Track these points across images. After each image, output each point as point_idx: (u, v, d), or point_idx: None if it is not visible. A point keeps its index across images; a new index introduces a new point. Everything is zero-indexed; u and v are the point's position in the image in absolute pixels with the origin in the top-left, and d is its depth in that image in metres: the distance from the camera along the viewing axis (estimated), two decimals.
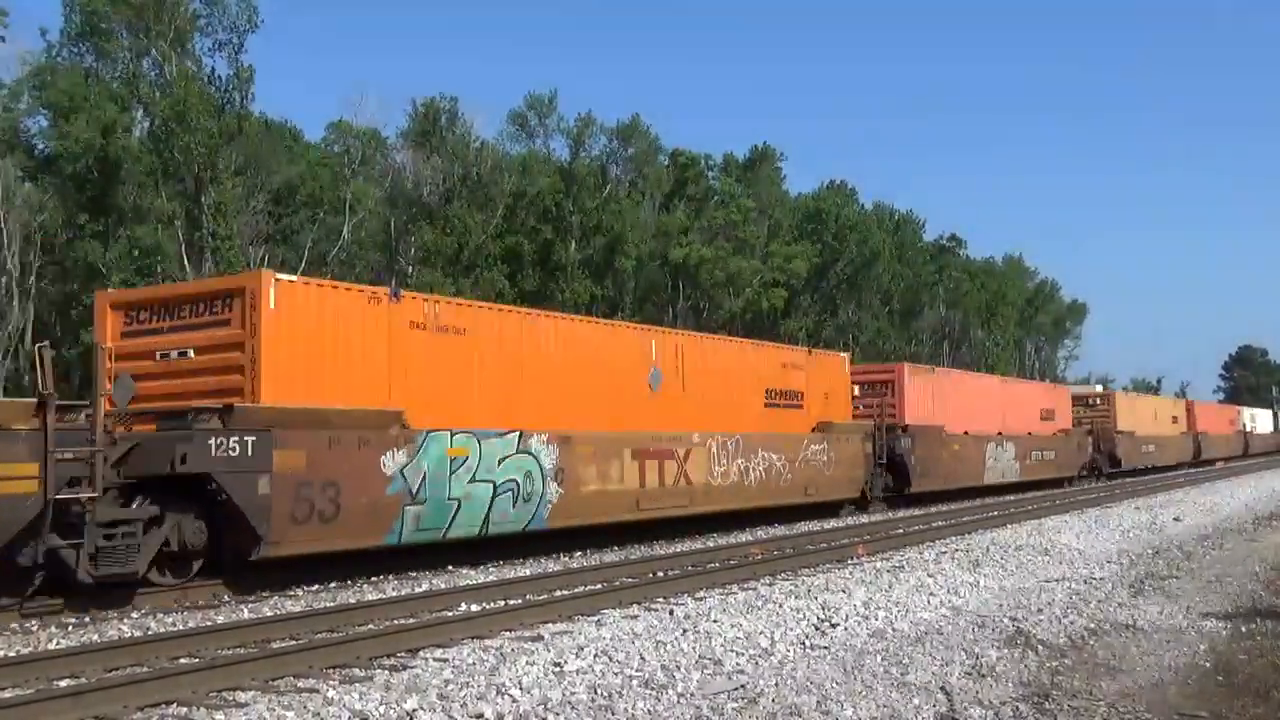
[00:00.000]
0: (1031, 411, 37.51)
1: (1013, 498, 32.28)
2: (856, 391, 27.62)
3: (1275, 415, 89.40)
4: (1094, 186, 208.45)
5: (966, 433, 31.43)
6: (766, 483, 22.27)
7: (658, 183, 61.54)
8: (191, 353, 13.98)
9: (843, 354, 27.99)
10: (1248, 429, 71.96)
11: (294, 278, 14.55)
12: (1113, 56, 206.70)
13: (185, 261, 42.72)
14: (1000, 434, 33.81)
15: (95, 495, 11.51)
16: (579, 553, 17.88)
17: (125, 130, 42.51)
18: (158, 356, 14.22)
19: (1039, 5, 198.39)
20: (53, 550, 11.32)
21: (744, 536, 20.73)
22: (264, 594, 13.25)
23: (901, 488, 27.78)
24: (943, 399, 30.85)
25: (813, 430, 24.13)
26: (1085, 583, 13.90)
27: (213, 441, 12.43)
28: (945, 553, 16.89)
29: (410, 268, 51.28)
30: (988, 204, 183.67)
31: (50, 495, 11.09)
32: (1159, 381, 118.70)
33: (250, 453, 12.76)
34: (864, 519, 24.71)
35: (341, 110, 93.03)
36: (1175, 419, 53.75)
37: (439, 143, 54.20)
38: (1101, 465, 42.67)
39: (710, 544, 19.19)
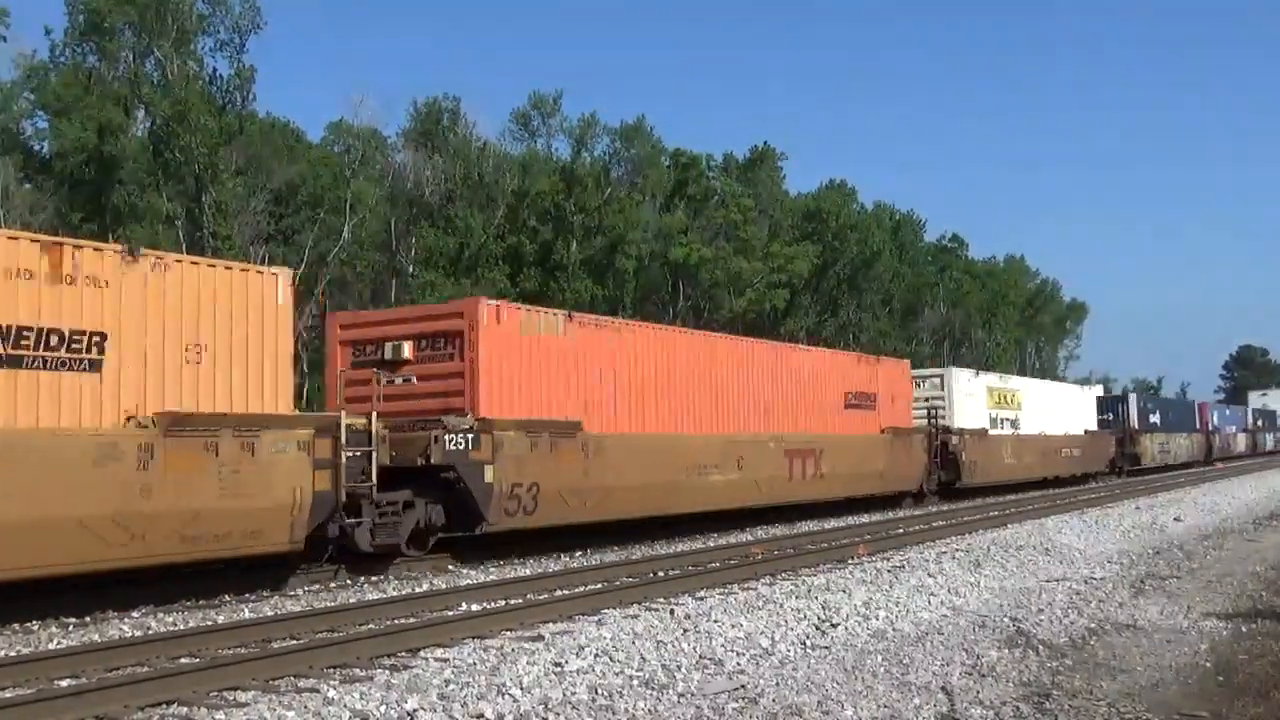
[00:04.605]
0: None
1: (1014, 496, 32.35)
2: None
3: (1125, 408, 46.83)
4: (1095, 186, 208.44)
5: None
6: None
7: (659, 183, 61.47)
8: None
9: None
10: (951, 427, 30.08)
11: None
12: (1114, 55, 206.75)
13: None
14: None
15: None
16: (579, 552, 17.87)
17: (121, 129, 42.49)
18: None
19: (1039, 3, 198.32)
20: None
21: (744, 536, 20.72)
22: (263, 593, 13.27)
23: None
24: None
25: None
26: (1086, 583, 13.91)
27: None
28: (946, 552, 16.88)
29: (411, 268, 51.26)
30: (989, 204, 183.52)
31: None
32: (1159, 381, 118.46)
33: None
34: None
35: (342, 110, 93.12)
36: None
37: (440, 143, 54.19)
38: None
39: (710, 544, 19.19)
